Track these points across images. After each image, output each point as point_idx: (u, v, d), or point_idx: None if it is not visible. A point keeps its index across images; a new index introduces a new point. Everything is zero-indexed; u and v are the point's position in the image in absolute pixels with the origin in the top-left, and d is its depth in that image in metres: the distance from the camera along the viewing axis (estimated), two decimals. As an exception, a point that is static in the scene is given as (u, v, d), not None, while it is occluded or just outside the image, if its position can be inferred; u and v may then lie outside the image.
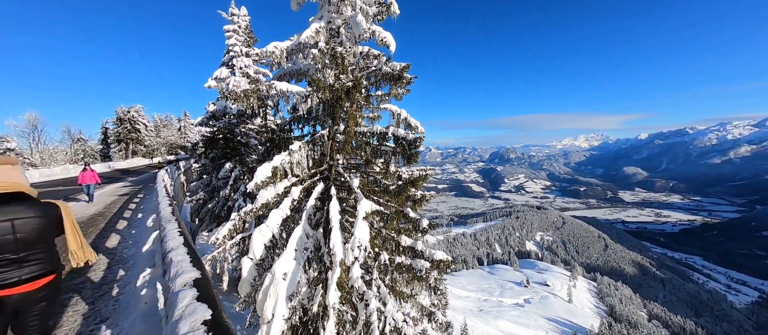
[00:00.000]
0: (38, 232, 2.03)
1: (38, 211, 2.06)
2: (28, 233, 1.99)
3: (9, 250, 1.93)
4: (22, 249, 1.97)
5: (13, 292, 1.93)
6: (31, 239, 2.01)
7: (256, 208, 5.73)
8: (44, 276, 2.07)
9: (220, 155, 11.36)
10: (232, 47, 11.16)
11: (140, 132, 45.06)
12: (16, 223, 1.95)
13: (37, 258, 2.05)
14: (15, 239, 1.94)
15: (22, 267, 1.98)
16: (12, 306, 1.96)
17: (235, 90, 5.82)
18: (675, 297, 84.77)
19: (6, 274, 1.92)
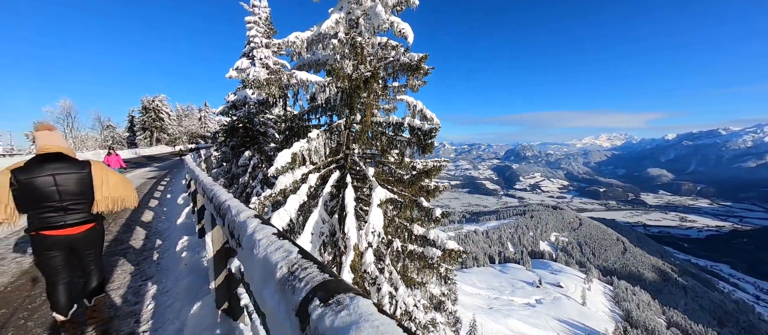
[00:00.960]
0: (76, 185, 2.37)
1: (75, 168, 2.39)
2: (67, 186, 2.33)
3: (53, 200, 2.29)
4: (64, 199, 2.33)
5: (60, 233, 2.34)
6: (70, 191, 2.35)
7: (275, 194, 5.97)
8: (86, 222, 2.46)
9: (239, 143, 11.76)
10: (253, 38, 11.44)
11: (164, 120, 46.93)
12: (57, 177, 2.29)
13: (79, 208, 2.41)
14: (57, 190, 2.30)
15: (67, 214, 2.35)
16: (64, 244, 2.38)
17: (257, 78, 6.03)
18: (697, 305, 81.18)
19: (53, 219, 2.31)
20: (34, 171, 2.24)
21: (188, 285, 2.81)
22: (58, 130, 2.47)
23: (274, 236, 0.95)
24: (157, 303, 2.89)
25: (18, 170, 2.23)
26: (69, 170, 2.35)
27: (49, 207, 2.28)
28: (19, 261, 4.05)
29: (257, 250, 0.85)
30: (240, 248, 1.05)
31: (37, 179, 2.24)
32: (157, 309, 2.77)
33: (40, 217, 2.28)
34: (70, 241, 2.40)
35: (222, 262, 2.04)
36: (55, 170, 2.29)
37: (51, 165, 2.29)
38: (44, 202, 2.27)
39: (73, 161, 2.42)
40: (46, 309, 2.77)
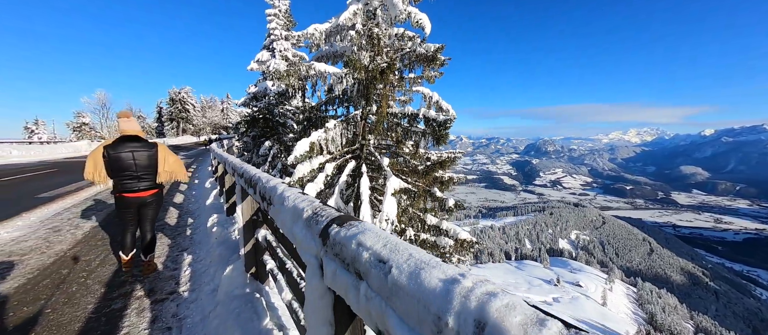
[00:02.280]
0: (147, 160, 3.14)
1: (146, 147, 3.15)
2: (141, 160, 3.10)
3: (130, 170, 3.07)
4: (139, 170, 3.11)
5: (135, 196, 3.15)
6: (143, 164, 3.12)
7: (293, 182, 6.21)
8: (152, 188, 3.26)
9: (260, 134, 12.20)
10: (273, 31, 11.71)
11: (189, 112, 49.00)
12: (134, 154, 3.06)
13: (148, 177, 3.19)
14: (134, 163, 3.07)
15: (140, 181, 3.14)
16: (136, 204, 3.19)
17: (277, 69, 6.25)
18: (730, 311, 76.62)
19: (131, 185, 3.10)
20: (119, 148, 3.00)
21: (220, 254, 3.16)
22: (134, 118, 3.24)
23: (298, 192, 1.17)
24: (193, 269, 3.33)
25: (108, 146, 2.99)
26: (142, 149, 3.10)
27: (128, 175, 3.06)
28: (74, 232, 4.57)
29: (287, 203, 1.07)
30: (271, 206, 1.28)
31: (121, 154, 3.00)
32: (193, 274, 3.21)
33: (122, 183, 3.05)
34: (142, 202, 3.20)
35: (250, 231, 2.33)
36: (133, 148, 3.05)
37: (130, 144, 3.05)
38: (125, 171, 3.04)
39: (145, 142, 3.18)
40: (101, 270, 3.33)
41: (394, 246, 0.65)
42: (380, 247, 0.66)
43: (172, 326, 2.28)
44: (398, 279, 0.56)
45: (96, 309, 2.53)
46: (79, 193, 7.34)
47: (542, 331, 0.37)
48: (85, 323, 2.33)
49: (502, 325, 0.39)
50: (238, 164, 2.92)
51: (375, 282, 0.63)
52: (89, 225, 4.89)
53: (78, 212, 5.67)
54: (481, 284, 0.47)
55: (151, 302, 2.63)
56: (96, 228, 4.76)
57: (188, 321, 2.32)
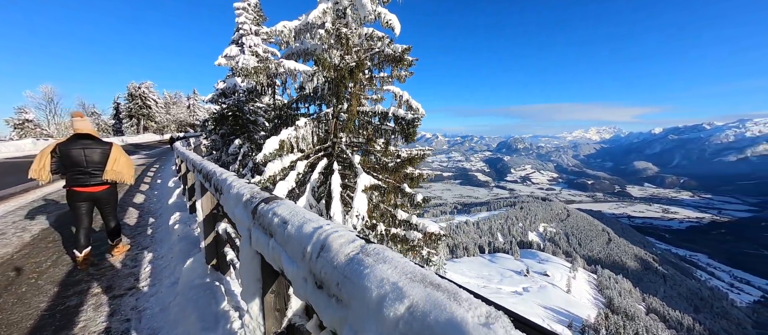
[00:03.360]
0: (99, 157, 3.32)
1: (100, 145, 3.35)
2: (92, 157, 3.28)
3: (81, 165, 3.26)
4: (89, 166, 3.28)
5: (85, 190, 3.31)
6: (94, 161, 3.30)
7: (264, 180, 6.16)
8: (104, 184, 3.43)
9: (229, 132, 11.81)
10: (242, 25, 11.37)
11: (151, 108, 45.87)
12: (85, 151, 3.25)
13: (100, 173, 3.35)
14: (85, 160, 3.25)
15: (91, 176, 3.31)
16: (86, 198, 3.34)
17: (245, 66, 6.10)
18: (675, 292, 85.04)
19: (82, 179, 3.28)
20: (70, 145, 3.21)
21: (181, 249, 3.17)
22: (87, 118, 3.45)
23: (244, 181, 1.32)
24: (153, 266, 3.34)
25: (61, 143, 3.20)
26: (95, 146, 3.30)
27: (79, 170, 3.25)
28: (21, 235, 4.29)
29: (232, 190, 1.24)
30: (222, 196, 1.42)
31: (72, 150, 3.20)
32: (154, 270, 3.22)
33: (73, 177, 3.23)
34: (92, 196, 3.36)
35: (210, 225, 2.41)
36: (84, 145, 3.25)
37: (82, 141, 3.26)
38: (76, 167, 3.23)
39: (99, 140, 3.39)
40: (54, 271, 3.28)
41: (296, 212, 0.91)
42: (287, 214, 0.90)
43: (130, 318, 2.31)
44: (290, 231, 0.82)
45: (49, 307, 2.48)
46: (25, 195, 6.76)
47: (350, 245, 0.65)
48: (37, 320, 2.29)
49: (331, 246, 0.67)
50: (197, 160, 2.96)
51: (278, 237, 0.88)
52: (39, 228, 4.57)
53: (25, 214, 5.26)
54: (332, 228, 0.76)
55: (108, 298, 2.61)
56: (47, 230, 4.47)
57: (148, 312, 2.37)
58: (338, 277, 0.59)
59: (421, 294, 0.45)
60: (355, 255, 0.61)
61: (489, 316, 0.39)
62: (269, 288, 1.06)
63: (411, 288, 0.46)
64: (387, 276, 0.51)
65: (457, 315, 0.38)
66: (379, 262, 0.55)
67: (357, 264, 0.57)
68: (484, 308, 0.40)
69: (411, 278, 0.49)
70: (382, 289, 0.49)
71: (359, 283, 0.53)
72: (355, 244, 0.65)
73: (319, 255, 0.67)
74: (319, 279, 0.66)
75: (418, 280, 0.48)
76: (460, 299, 0.42)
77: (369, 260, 0.57)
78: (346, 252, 0.62)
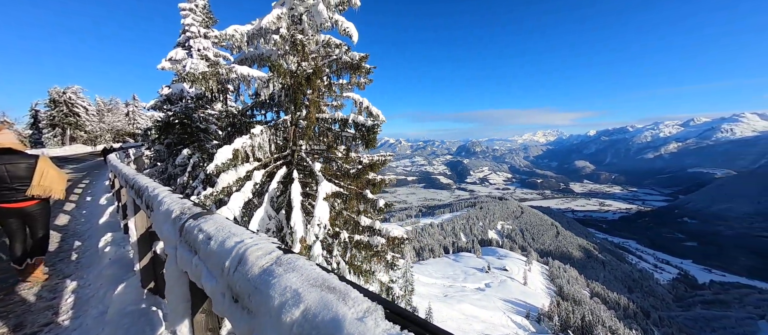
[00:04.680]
0: (24, 172, 3.11)
1: (24, 159, 3.14)
2: (17, 171, 3.08)
3: (5, 181, 3.05)
4: (14, 181, 3.08)
5: (14, 206, 3.13)
6: (20, 175, 3.10)
7: (216, 192, 5.77)
8: (32, 199, 3.23)
9: (176, 141, 10.86)
10: (189, 27, 10.61)
11: (80, 116, 40.45)
12: (7, 167, 3.04)
13: (25, 189, 3.12)
14: (8, 175, 3.04)
15: (17, 192, 3.11)
16: (15, 214, 3.16)
17: (192, 72, 5.63)
18: (613, 276, 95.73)
19: (8, 195, 3.09)
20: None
21: (112, 274, 2.82)
22: (9, 131, 3.26)
23: (176, 196, 1.23)
24: (77, 295, 2.95)
25: None
26: (18, 161, 3.10)
27: (4, 186, 3.07)
28: None
29: (162, 207, 1.13)
30: (152, 212, 1.29)
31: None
32: (77, 301, 2.85)
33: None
34: (21, 212, 3.20)
35: (147, 245, 2.18)
36: (6, 160, 3.05)
37: (4, 156, 3.06)
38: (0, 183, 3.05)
39: (23, 154, 3.20)
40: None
41: (222, 228, 0.88)
42: (212, 230, 0.88)
43: (47, 355, 1.97)
44: (213, 247, 0.81)
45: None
46: None
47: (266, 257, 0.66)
48: None
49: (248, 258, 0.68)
50: (129, 175, 2.67)
51: (202, 254, 0.86)
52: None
53: None
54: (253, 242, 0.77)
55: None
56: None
57: (69, 347, 2.04)
58: (250, 289, 0.60)
59: (315, 298, 0.48)
60: (268, 266, 0.62)
61: (366, 311, 0.43)
62: (199, 307, 1.01)
63: (308, 293, 0.50)
64: (291, 283, 0.54)
65: (339, 313, 0.43)
66: (288, 271, 0.57)
67: (268, 274, 0.59)
68: (365, 304, 0.45)
69: (312, 284, 0.53)
70: (283, 297, 0.52)
71: (266, 293, 0.55)
72: (271, 256, 0.66)
73: (236, 269, 0.66)
74: (235, 292, 0.66)
75: (317, 285, 0.52)
76: (348, 298, 0.47)
77: (279, 270, 0.58)
78: (261, 264, 0.63)
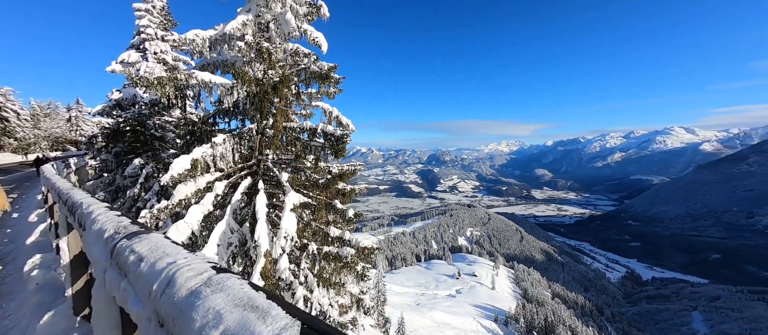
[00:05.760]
0: None
1: None
2: None
3: None
4: None
5: None
6: None
7: (172, 205, 5.37)
8: None
9: (127, 150, 9.97)
10: (145, 29, 9.92)
11: (8, 121, 35.66)
12: None
13: None
14: None
15: None
16: None
17: (147, 76, 5.22)
18: (571, 277, 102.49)
19: None
20: None
21: (39, 301, 2.42)
22: None
23: (113, 214, 1.14)
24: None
25: None
26: None
27: None
28: None
29: (95, 226, 1.03)
30: (85, 232, 1.17)
31: None
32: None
33: None
34: None
35: (82, 267, 1.93)
36: None
37: None
38: None
39: None
40: None
41: (157, 248, 0.84)
42: (145, 250, 0.84)
43: None
44: (142, 269, 0.77)
45: None
46: None
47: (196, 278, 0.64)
48: None
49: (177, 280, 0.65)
50: (63, 189, 2.39)
51: (131, 276, 0.82)
52: None
53: None
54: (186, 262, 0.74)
55: None
56: None
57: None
58: (175, 312, 0.57)
59: (236, 318, 0.48)
60: (196, 287, 0.60)
61: (282, 328, 0.45)
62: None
63: (230, 314, 0.50)
64: (215, 305, 0.53)
65: (256, 332, 0.44)
66: (215, 292, 0.56)
67: (194, 296, 0.57)
68: (283, 321, 0.46)
69: (236, 304, 0.53)
70: (205, 319, 0.51)
71: (189, 316, 0.54)
72: (202, 276, 0.64)
73: (164, 291, 0.63)
74: (161, 317, 0.63)
75: (241, 305, 0.51)
76: (268, 316, 0.48)
77: (207, 291, 0.57)
78: (189, 286, 0.61)
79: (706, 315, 79.24)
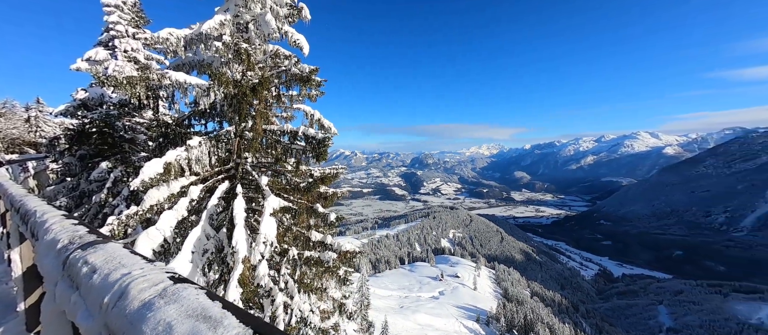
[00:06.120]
0: None
1: None
2: None
3: None
4: None
5: None
6: None
7: (143, 211, 5.10)
8: None
9: (93, 152, 9.38)
10: (115, 25, 9.43)
11: (-43, 121, 32.63)
12: None
13: None
14: None
15: None
16: None
17: (115, 75, 4.93)
18: (548, 276, 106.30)
19: None
20: None
21: None
22: None
23: (69, 223, 1.07)
24: None
25: None
26: None
27: None
28: None
29: (47, 236, 0.96)
30: (38, 242, 1.09)
31: None
32: None
33: None
34: None
35: (34, 280, 1.78)
36: None
37: None
38: None
39: None
40: None
41: (113, 258, 0.80)
42: (100, 261, 0.79)
43: None
44: (95, 281, 0.73)
45: None
46: None
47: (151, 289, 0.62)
48: None
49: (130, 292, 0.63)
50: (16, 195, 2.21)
51: (83, 289, 0.77)
52: None
53: None
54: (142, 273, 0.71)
55: None
56: None
57: None
58: (126, 326, 0.56)
59: (186, 330, 0.48)
60: (150, 299, 0.58)
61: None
62: (86, 351, 0.85)
63: (181, 326, 0.49)
64: (167, 317, 0.52)
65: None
66: (169, 303, 0.55)
67: (147, 308, 0.56)
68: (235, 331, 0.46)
69: (188, 315, 0.52)
70: (155, 331, 0.50)
71: (139, 328, 0.53)
72: (157, 287, 0.62)
73: (116, 304, 0.61)
74: (111, 331, 0.60)
75: (193, 316, 0.51)
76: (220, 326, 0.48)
77: (161, 302, 0.56)
78: (143, 298, 0.59)
79: (671, 308, 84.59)
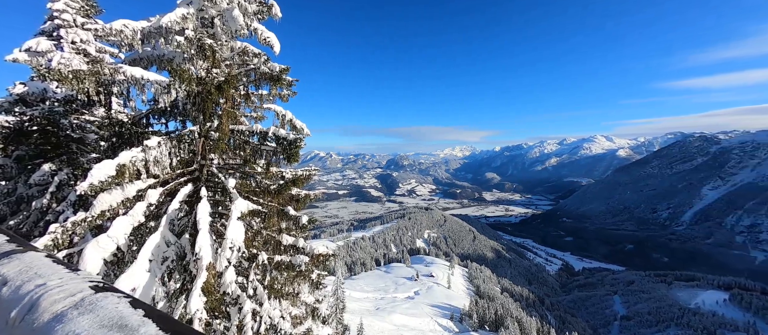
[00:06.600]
0: None
1: None
2: None
3: None
4: None
5: None
6: None
7: (93, 217, 4.67)
8: None
9: (34, 153, 8.43)
10: (60, 13, 8.54)
11: None
12: None
13: None
14: None
15: None
16: None
17: (60, 68, 4.43)
18: (517, 272, 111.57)
19: None
20: None
21: None
22: None
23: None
24: None
25: None
26: None
27: None
28: None
29: None
30: None
31: None
32: None
33: None
34: None
35: None
36: None
37: None
38: None
39: None
40: None
41: (31, 268, 0.74)
42: (14, 272, 0.73)
43: None
44: (4, 293, 0.68)
45: None
46: None
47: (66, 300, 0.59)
48: None
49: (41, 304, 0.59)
50: None
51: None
52: None
53: None
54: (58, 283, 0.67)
55: None
56: None
57: None
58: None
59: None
60: (62, 311, 0.55)
61: None
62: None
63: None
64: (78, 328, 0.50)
65: None
66: (83, 314, 0.52)
67: (57, 321, 0.53)
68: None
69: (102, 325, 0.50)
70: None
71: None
72: (73, 298, 0.58)
73: (24, 318, 0.57)
74: None
75: (107, 326, 0.50)
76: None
77: (74, 313, 0.53)
78: (55, 310, 0.55)
79: (624, 298, 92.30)
